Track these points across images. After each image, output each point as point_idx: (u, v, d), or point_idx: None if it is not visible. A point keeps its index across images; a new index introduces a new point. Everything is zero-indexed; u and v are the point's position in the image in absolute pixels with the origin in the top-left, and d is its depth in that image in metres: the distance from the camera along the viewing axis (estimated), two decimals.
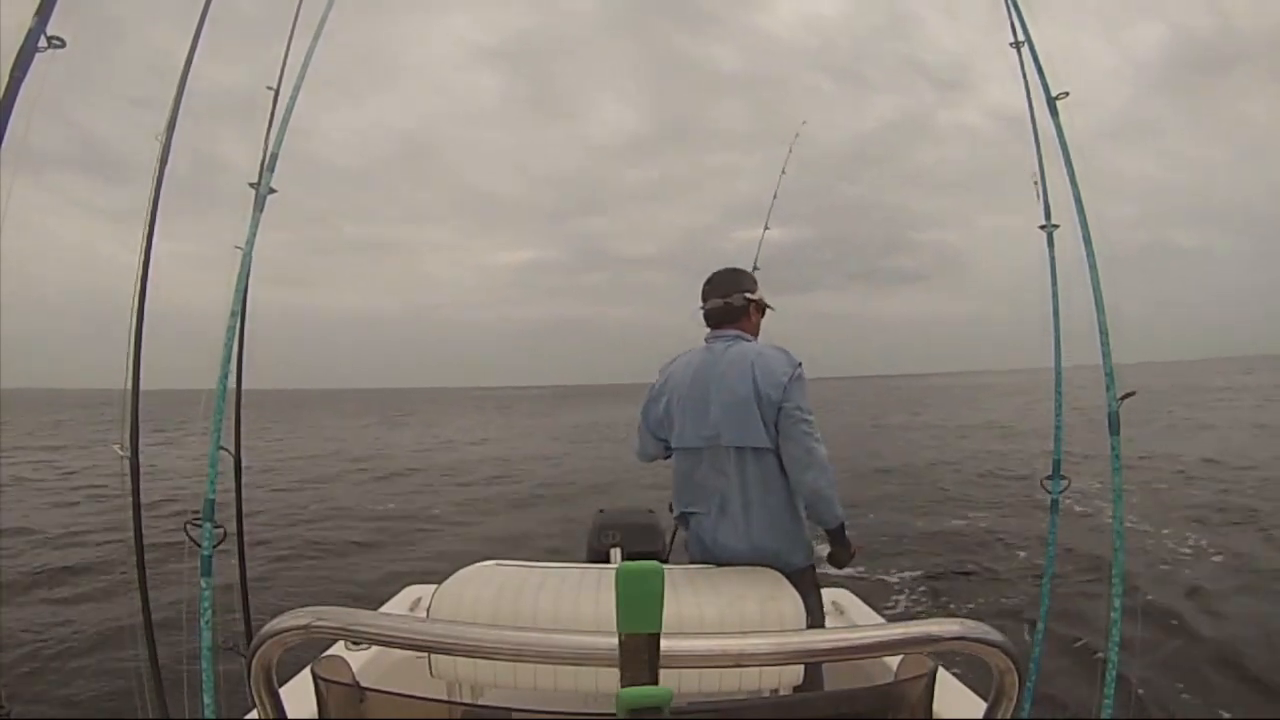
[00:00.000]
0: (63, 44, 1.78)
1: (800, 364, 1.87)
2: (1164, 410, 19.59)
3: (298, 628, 0.65)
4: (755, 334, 2.03)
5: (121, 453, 2.23)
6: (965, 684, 1.77)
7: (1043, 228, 2.58)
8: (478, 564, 1.77)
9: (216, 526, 1.97)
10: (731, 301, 2.00)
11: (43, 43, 1.76)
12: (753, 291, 2.02)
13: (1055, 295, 2.60)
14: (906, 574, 6.21)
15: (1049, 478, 2.54)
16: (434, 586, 1.68)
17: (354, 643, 1.51)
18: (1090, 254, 2.27)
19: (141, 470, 2.29)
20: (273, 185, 2.09)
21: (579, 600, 1.57)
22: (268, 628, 0.65)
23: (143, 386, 2.26)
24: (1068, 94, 2.32)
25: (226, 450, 2.17)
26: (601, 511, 2.56)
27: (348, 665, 0.81)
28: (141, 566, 2.34)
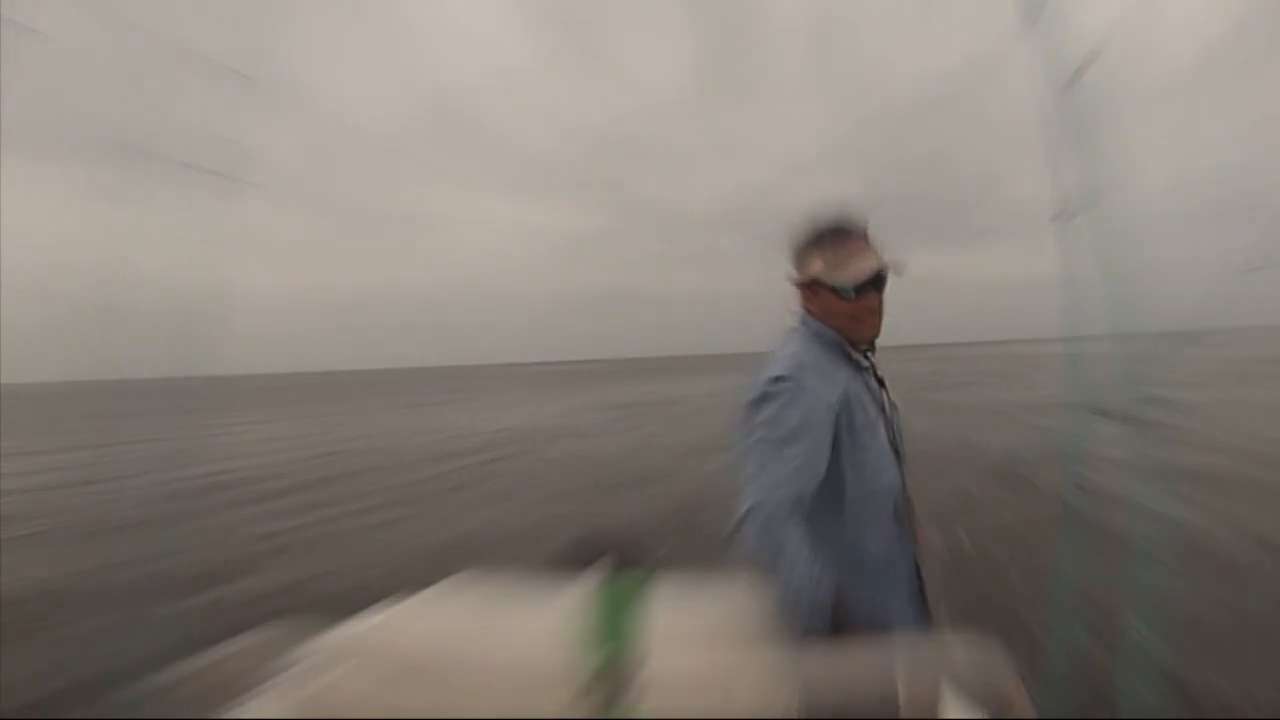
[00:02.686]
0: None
1: (779, 378, 1.48)
2: None
3: (262, 642, 0.67)
4: (822, 317, 1.65)
5: None
6: (966, 690, 1.74)
7: (1054, 218, 2.52)
8: (452, 577, 1.75)
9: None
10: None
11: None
12: (800, 272, 1.67)
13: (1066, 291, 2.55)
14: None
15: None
16: (404, 601, 1.66)
17: (322, 658, 1.51)
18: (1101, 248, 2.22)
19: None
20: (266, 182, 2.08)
21: (556, 618, 1.54)
22: (233, 641, 0.67)
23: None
24: (1081, 78, 2.25)
25: None
26: (583, 527, 2.55)
27: (315, 680, 0.79)
28: None
